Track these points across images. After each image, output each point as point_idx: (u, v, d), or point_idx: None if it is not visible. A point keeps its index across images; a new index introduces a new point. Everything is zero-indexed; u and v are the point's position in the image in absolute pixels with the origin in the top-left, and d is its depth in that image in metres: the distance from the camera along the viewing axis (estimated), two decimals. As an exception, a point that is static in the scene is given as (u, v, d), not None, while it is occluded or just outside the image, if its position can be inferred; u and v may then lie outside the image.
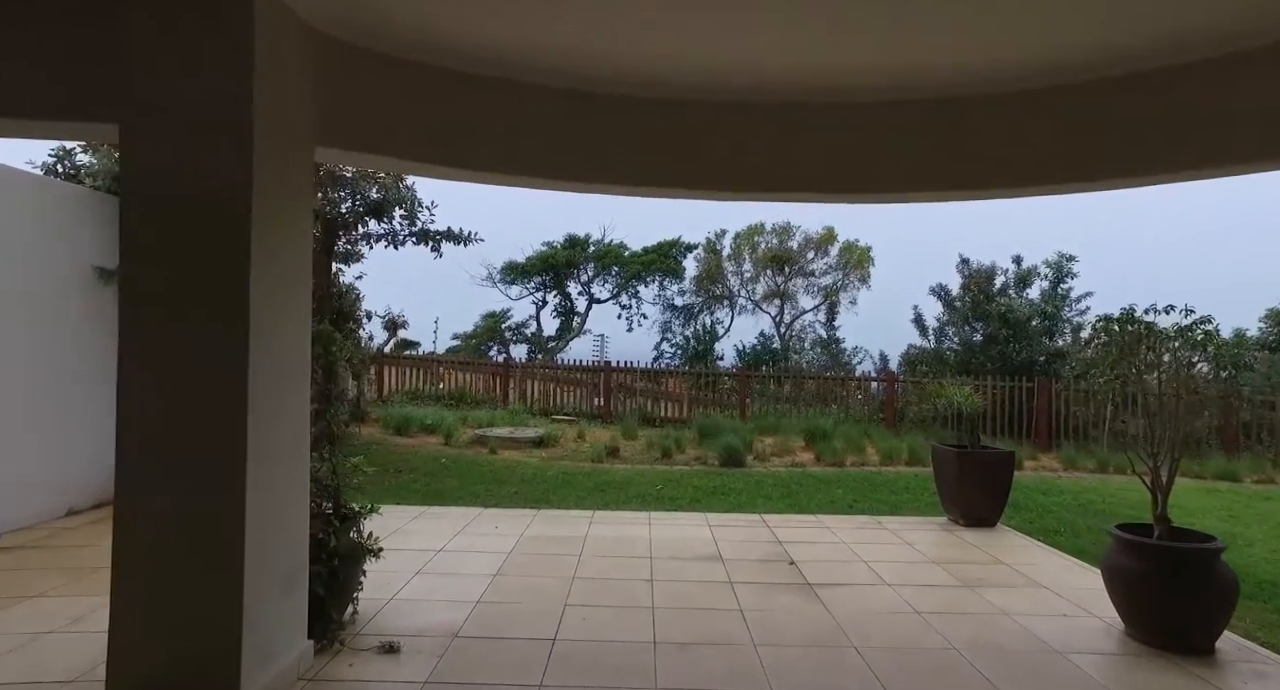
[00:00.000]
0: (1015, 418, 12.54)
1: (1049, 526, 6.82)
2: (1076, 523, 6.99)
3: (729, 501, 7.75)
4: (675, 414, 14.73)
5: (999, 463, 6.48)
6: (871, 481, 9.03)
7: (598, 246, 25.77)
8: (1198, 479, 10.12)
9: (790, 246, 24.71)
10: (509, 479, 8.55)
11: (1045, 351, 12.85)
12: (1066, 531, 6.66)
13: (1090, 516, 7.34)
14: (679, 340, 25.48)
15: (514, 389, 15.65)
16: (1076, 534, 6.58)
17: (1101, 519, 7.20)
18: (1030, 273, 13.50)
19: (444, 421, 12.03)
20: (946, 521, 6.76)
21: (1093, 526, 6.85)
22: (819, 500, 7.90)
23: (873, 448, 11.19)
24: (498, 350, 25.84)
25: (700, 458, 10.49)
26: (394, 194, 7.58)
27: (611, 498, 7.78)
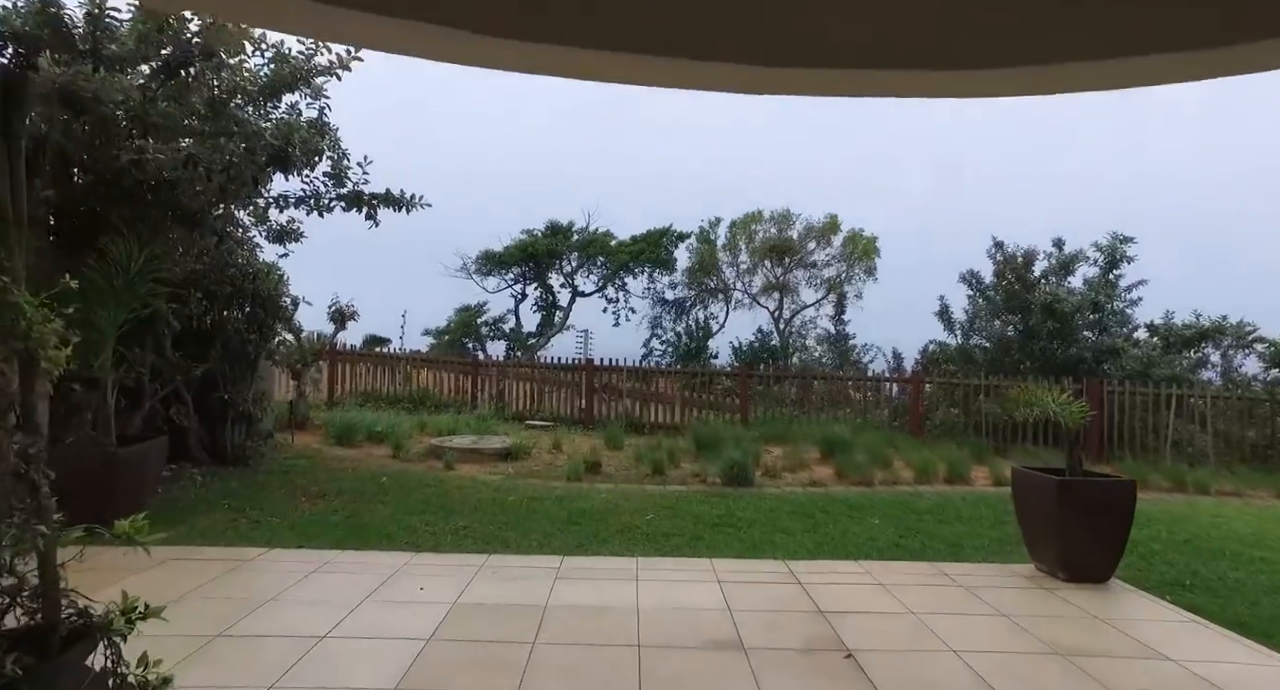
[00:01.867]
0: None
1: (1171, 578, 5.12)
2: (1204, 572, 5.29)
3: (739, 538, 6.01)
4: (667, 419, 12.97)
5: (1117, 496, 4.77)
6: (911, 507, 7.32)
7: (582, 234, 23.96)
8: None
9: (790, 236, 22.99)
10: (460, 506, 6.76)
11: (1095, 348, 11.18)
12: (1200, 587, 4.96)
13: (1209, 560, 5.65)
14: (670, 337, 23.75)
15: (485, 390, 13.83)
16: (1214, 591, 4.88)
17: (1230, 564, 5.51)
18: (1074, 258, 11.83)
19: (396, 429, 10.21)
20: (1034, 571, 5.04)
21: (1227, 578, 5.16)
22: (854, 536, 6.16)
23: (900, 461, 9.49)
24: (474, 347, 24.00)
25: (698, 474, 8.74)
26: (301, 135, 5.77)
27: (588, 534, 6.00)
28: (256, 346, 7.81)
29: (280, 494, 6.88)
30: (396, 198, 7.46)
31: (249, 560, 4.91)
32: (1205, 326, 11.18)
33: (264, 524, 5.86)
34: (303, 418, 10.74)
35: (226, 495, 6.65)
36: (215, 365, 7.34)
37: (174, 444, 7.14)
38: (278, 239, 8.93)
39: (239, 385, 7.61)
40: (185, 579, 4.38)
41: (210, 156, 5.35)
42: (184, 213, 5.76)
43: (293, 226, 8.86)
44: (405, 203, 7.50)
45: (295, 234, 8.89)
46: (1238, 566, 5.52)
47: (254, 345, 7.75)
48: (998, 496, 7.93)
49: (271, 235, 8.92)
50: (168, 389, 6.86)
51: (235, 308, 7.57)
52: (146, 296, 5.61)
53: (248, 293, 7.52)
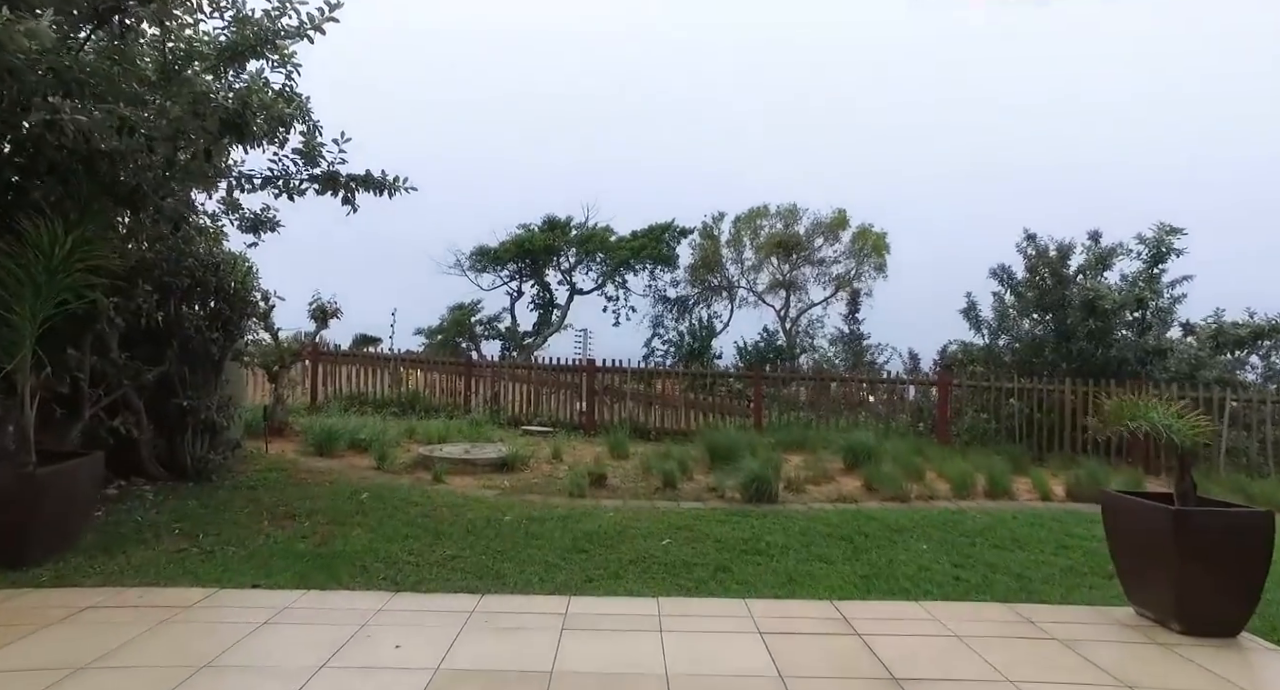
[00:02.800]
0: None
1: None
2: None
3: (772, 570, 5.17)
4: (674, 424, 12.15)
5: (1251, 530, 3.93)
6: (958, 527, 6.49)
7: (580, 230, 23.11)
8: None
9: (797, 231, 22.24)
10: (449, 529, 5.90)
11: (1138, 349, 10.35)
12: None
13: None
14: (672, 336, 22.93)
15: (479, 393, 12.98)
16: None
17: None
18: (1112, 252, 11.01)
19: (381, 436, 9.35)
20: (1137, 618, 4.21)
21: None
22: (903, 565, 5.33)
23: (933, 471, 8.67)
24: (468, 347, 23.14)
25: (714, 488, 7.90)
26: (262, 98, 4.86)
27: (597, 565, 5.16)
28: (221, 347, 6.94)
29: (243, 515, 6.01)
30: (378, 180, 6.58)
31: (189, 607, 4.04)
32: (1261, 325, 10.38)
33: (217, 555, 4.99)
34: (280, 424, 9.86)
35: (180, 517, 5.78)
36: (172, 368, 6.47)
37: (123, 458, 6.29)
38: (251, 228, 8.07)
39: (201, 390, 6.75)
40: (100, 636, 3.52)
41: (151, 122, 4.47)
42: (125, 190, 4.88)
43: (268, 215, 8.01)
44: (387, 186, 6.63)
45: (271, 223, 8.03)
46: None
47: (218, 345, 6.88)
48: (1050, 515, 7.13)
49: (244, 224, 8.07)
50: (114, 395, 5.98)
51: (195, 303, 6.70)
52: (77, 288, 4.74)
53: (210, 286, 6.65)
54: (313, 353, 12.47)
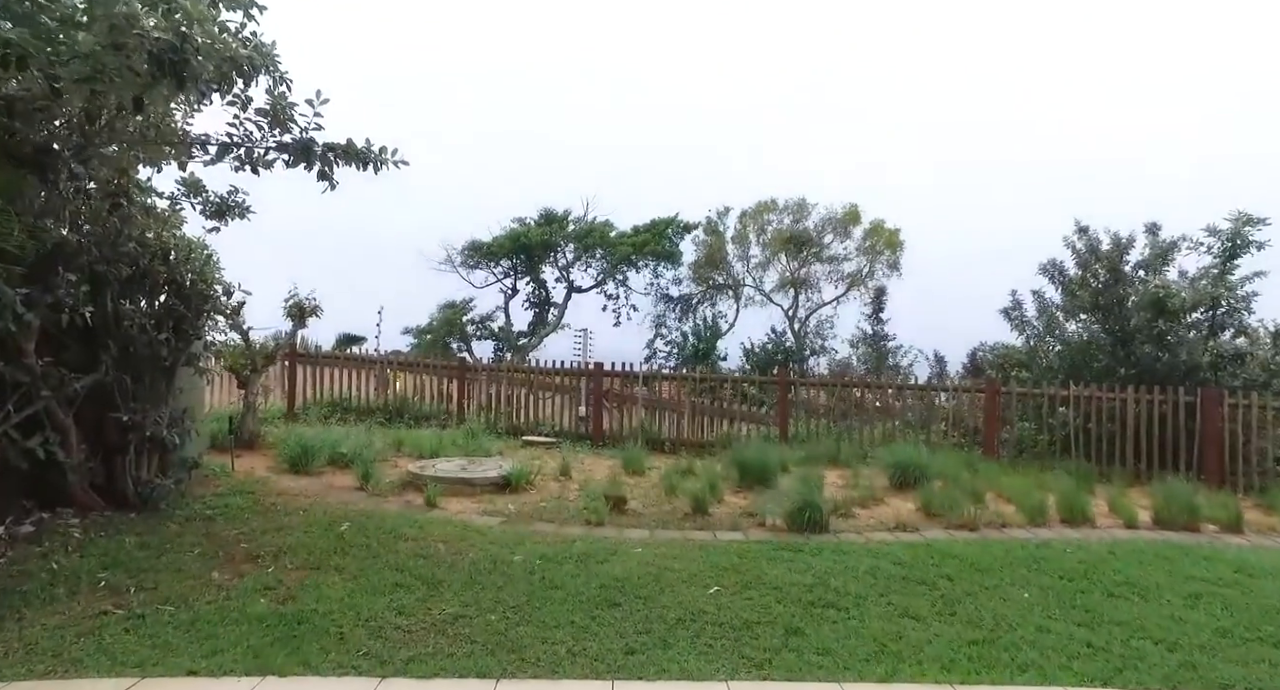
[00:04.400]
0: (1170, 445, 9.07)
1: None
2: None
3: (854, 631, 4.12)
4: (691, 434, 11.09)
5: None
6: (1055, 567, 5.46)
7: (579, 224, 21.95)
8: None
9: (806, 227, 21.22)
10: (448, 574, 4.81)
11: (1213, 352, 9.37)
12: None
13: None
14: (675, 337, 21.87)
15: (473, 398, 11.86)
16: None
17: None
18: (1174, 245, 10.03)
19: (365, 450, 8.23)
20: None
21: None
22: (1013, 625, 4.29)
23: (993, 492, 7.66)
24: (459, 347, 21.99)
25: (751, 513, 6.86)
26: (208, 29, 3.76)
27: (637, 626, 4.09)
28: (174, 349, 5.80)
29: (192, 557, 4.89)
30: (360, 151, 5.46)
31: (91, 713, 2.94)
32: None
33: (148, 621, 3.87)
34: (251, 435, 8.73)
35: (110, 562, 4.66)
36: (108, 375, 5.33)
37: (46, 485, 5.15)
38: (216, 214, 6.94)
39: (147, 401, 5.61)
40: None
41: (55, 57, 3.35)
42: (28, 151, 3.76)
43: (236, 199, 6.89)
44: (372, 158, 5.51)
45: (239, 209, 6.92)
46: None
47: (170, 348, 5.74)
48: (1150, 549, 6.11)
49: (208, 209, 6.94)
50: (30, 409, 4.84)
51: (141, 297, 5.56)
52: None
53: (159, 277, 5.52)
54: (290, 354, 11.31)
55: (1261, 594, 5.00)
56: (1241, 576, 5.38)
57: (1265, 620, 4.52)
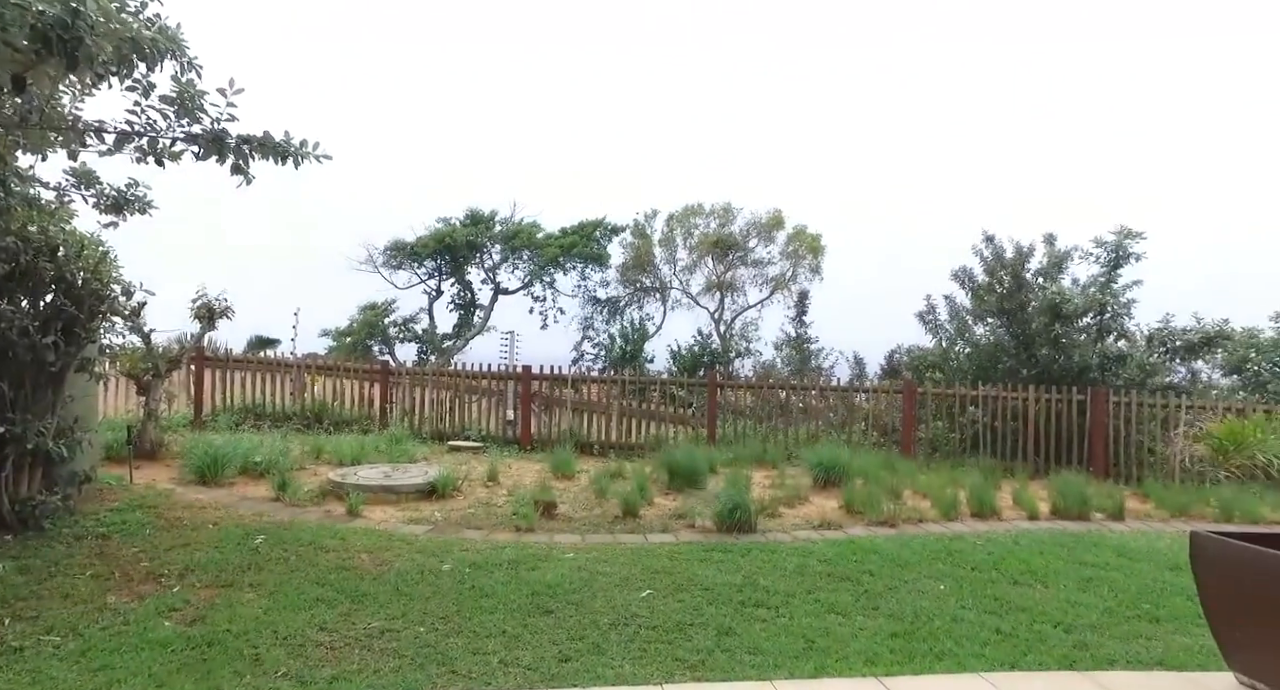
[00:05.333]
0: (1065, 440, 9.75)
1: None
2: None
3: (783, 628, 4.23)
4: (619, 436, 11.11)
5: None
6: (966, 559, 5.76)
7: (506, 225, 21.65)
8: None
9: (732, 231, 21.63)
10: (373, 586, 4.65)
11: (1101, 354, 10.12)
12: None
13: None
14: (603, 339, 21.85)
15: (397, 402, 11.52)
16: None
17: None
18: (1067, 256, 10.80)
19: (282, 458, 7.87)
20: (1239, 687, 3.50)
21: None
22: (930, 616, 4.51)
23: (911, 489, 8.02)
24: (381, 350, 21.29)
25: (681, 514, 6.93)
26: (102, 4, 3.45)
27: (570, 632, 4.06)
28: (63, 354, 5.37)
29: (83, 580, 4.55)
30: (279, 145, 5.21)
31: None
32: (1209, 331, 10.40)
33: (28, 655, 3.57)
34: (153, 444, 8.21)
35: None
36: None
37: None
38: (113, 208, 6.48)
39: (30, 410, 5.18)
40: None
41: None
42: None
43: (136, 193, 6.45)
44: (292, 152, 5.27)
45: (140, 203, 6.48)
46: None
47: (58, 352, 5.31)
48: (1050, 538, 6.55)
49: (103, 203, 6.47)
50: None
51: (23, 296, 5.12)
52: None
53: (44, 275, 5.10)
54: (197, 358, 10.69)
55: (1140, 575, 5.46)
56: (1124, 560, 5.85)
57: (1143, 598, 4.94)
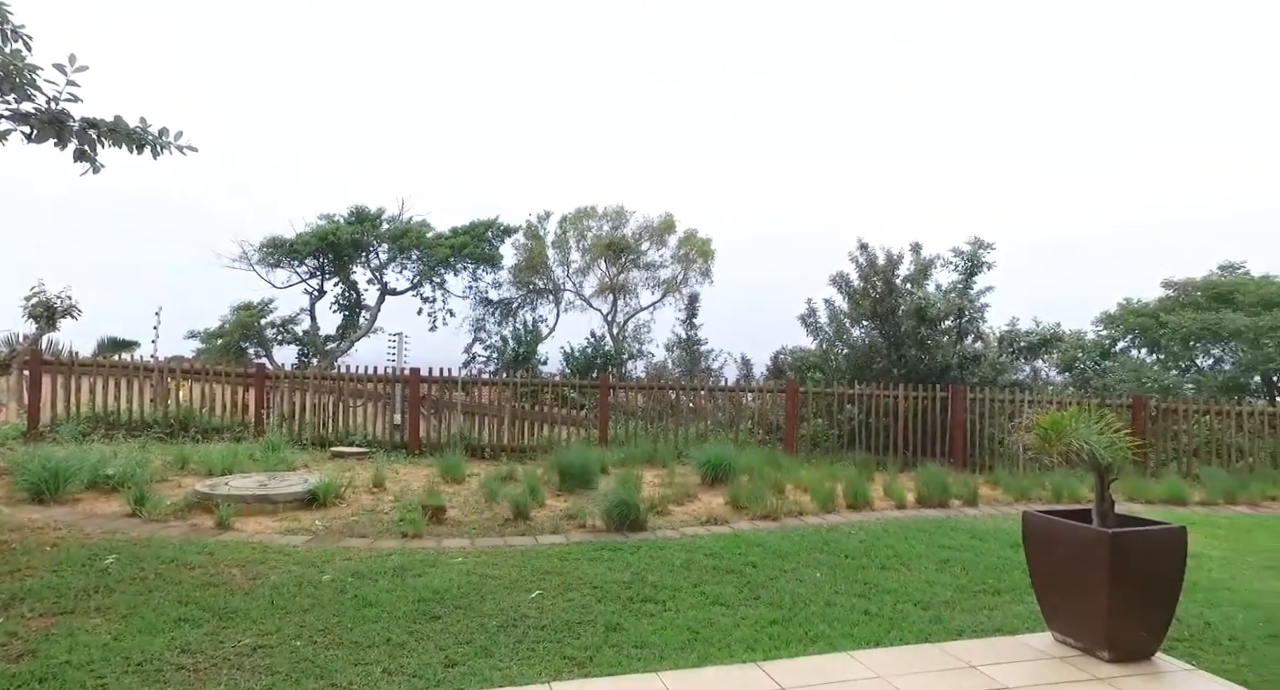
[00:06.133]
0: (930, 434, 10.58)
1: (1189, 636, 4.31)
2: (1212, 619, 4.57)
3: (670, 622, 4.36)
4: (511, 439, 11.01)
5: (1170, 547, 3.81)
6: (841, 548, 6.15)
7: (394, 224, 20.83)
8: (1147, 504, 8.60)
9: (625, 234, 21.86)
10: (245, 602, 4.40)
11: (960, 354, 11.06)
12: (1230, 647, 4.17)
13: (1208, 605, 4.99)
14: (495, 341, 21.48)
15: (275, 408, 10.89)
16: (1228, 647, 4.11)
17: (1210, 596, 4.89)
18: (930, 263, 11.74)
19: (139, 470, 7.26)
20: (1063, 648, 3.95)
21: (1218, 623, 4.47)
22: (807, 602, 4.79)
23: (793, 484, 8.44)
24: (257, 353, 19.97)
25: (573, 515, 6.99)
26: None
27: (457, 637, 4.02)
28: None
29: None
30: (132, 131, 4.80)
31: None
32: (1046, 333, 11.62)
33: None
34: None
35: None
36: None
37: None
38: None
39: None
40: None
41: None
42: None
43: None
44: (149, 140, 4.88)
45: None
46: (1218, 604, 4.92)
47: None
48: (915, 525, 7.10)
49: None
50: None
51: None
52: None
53: None
54: (32, 361, 9.64)
55: (987, 554, 6.03)
56: (975, 541, 6.43)
57: (989, 575, 5.46)
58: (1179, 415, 10.83)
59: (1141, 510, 7.64)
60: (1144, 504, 8.56)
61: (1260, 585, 5.51)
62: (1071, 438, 3.81)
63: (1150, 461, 10.41)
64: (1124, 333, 16.99)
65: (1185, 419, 10.84)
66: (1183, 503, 8.75)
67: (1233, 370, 14.79)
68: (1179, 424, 10.78)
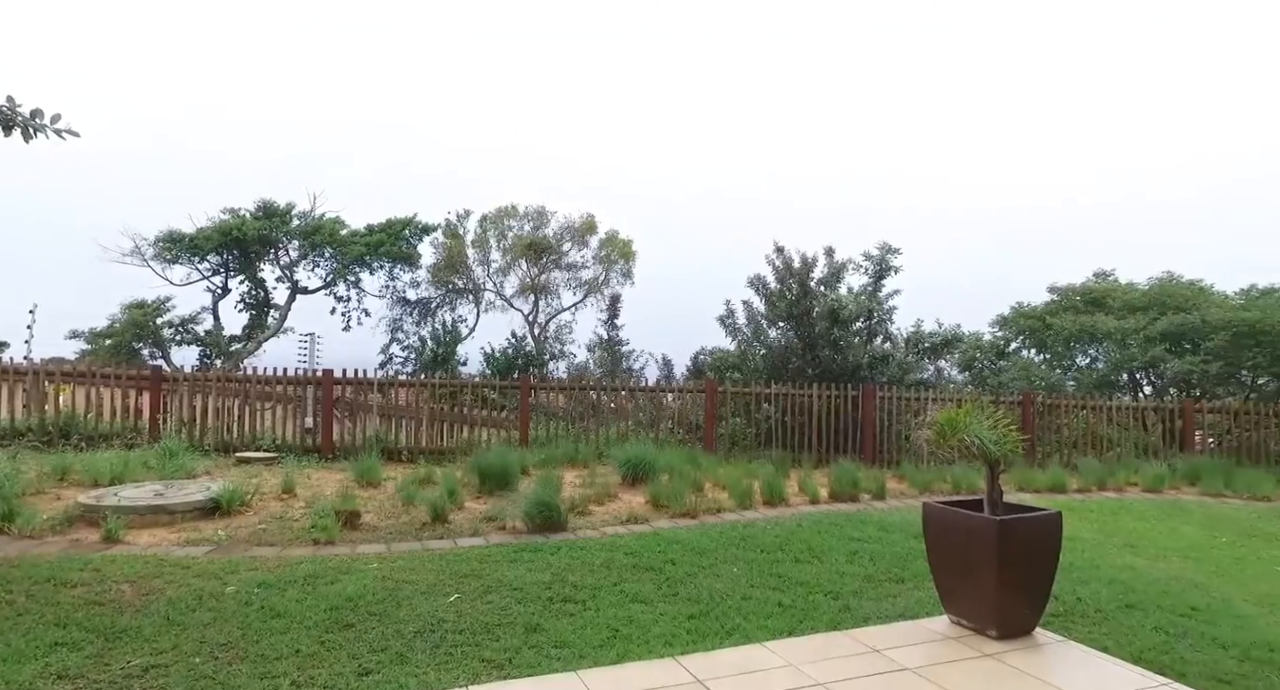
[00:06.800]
0: (843, 432, 11.02)
1: (1062, 611, 4.69)
2: (1082, 595, 4.99)
3: (590, 621, 4.40)
4: (430, 441, 10.77)
5: (1049, 531, 4.15)
6: (757, 543, 6.34)
7: (305, 220, 19.92)
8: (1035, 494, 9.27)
9: (546, 234, 21.72)
10: (136, 619, 4.15)
11: (871, 354, 11.59)
12: (1095, 618, 4.57)
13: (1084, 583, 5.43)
14: (413, 342, 20.93)
15: (173, 412, 10.26)
16: (1117, 623, 4.51)
17: (1080, 578, 5.34)
18: (843, 267, 12.24)
19: (8, 482, 6.70)
20: (957, 629, 4.23)
21: (1091, 599, 4.89)
22: (724, 597, 4.92)
23: (712, 482, 8.62)
24: (153, 354, 18.71)
25: (491, 516, 6.92)
26: None
27: (372, 645, 3.92)
28: None
29: None
30: (3, 110, 4.46)
31: None
32: (948, 334, 12.34)
33: None
34: None
35: None
36: None
37: None
38: None
39: None
40: None
41: None
42: None
43: None
44: (19, 123, 4.51)
45: None
46: (1088, 581, 5.38)
47: None
48: (828, 519, 7.38)
49: None
50: None
51: None
52: None
53: None
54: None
55: (893, 545, 6.36)
56: (883, 533, 6.77)
57: (894, 564, 5.77)
58: (1061, 410, 11.75)
59: (1029, 498, 8.22)
60: (1032, 493, 9.21)
61: (1121, 562, 6.09)
62: (964, 433, 4.08)
63: (1037, 453, 11.22)
64: (1016, 334, 18.25)
65: (1066, 414, 11.77)
66: (1063, 490, 9.47)
67: (1105, 369, 16.13)
68: (1061, 418, 11.70)
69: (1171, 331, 14.75)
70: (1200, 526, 7.89)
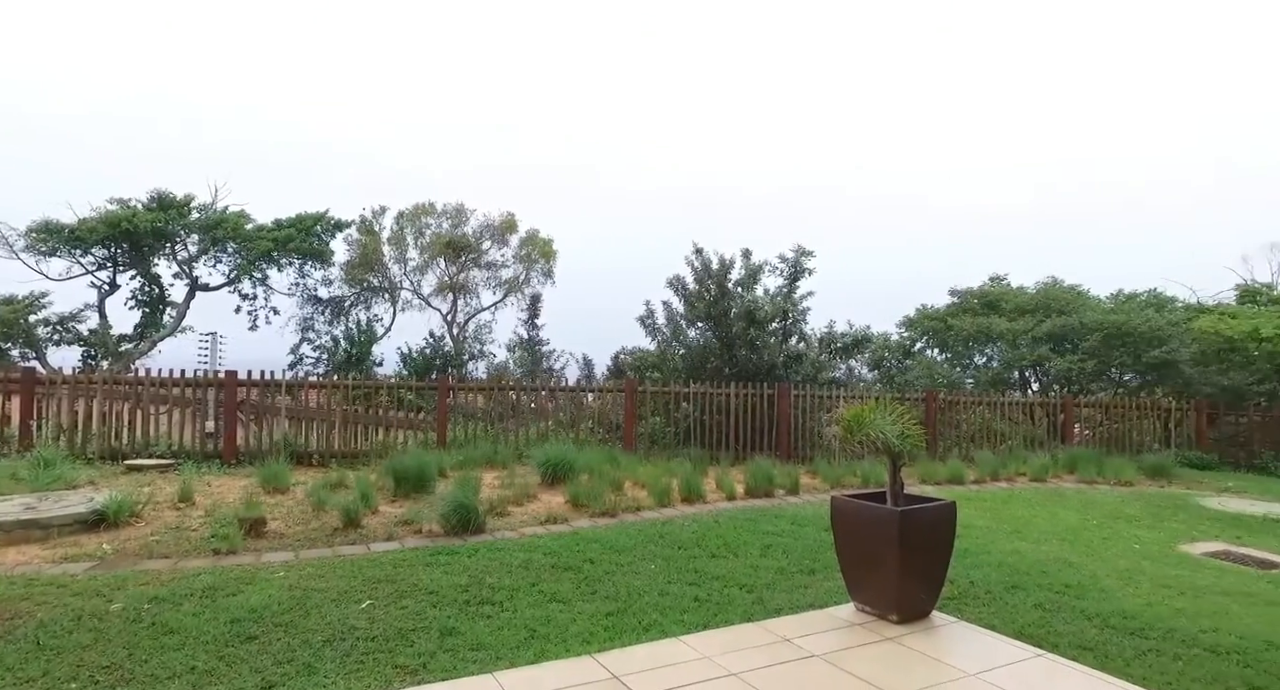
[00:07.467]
0: (760, 430, 11.32)
1: (955, 594, 5.00)
2: (974, 578, 5.33)
3: (508, 623, 4.37)
4: (342, 444, 10.39)
5: (944, 520, 4.40)
6: (675, 540, 6.45)
7: (205, 213, 18.74)
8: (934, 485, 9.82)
9: (465, 232, 21.29)
10: (4, 646, 3.83)
11: (786, 354, 11.95)
12: (985, 599, 4.89)
13: (973, 567, 5.79)
14: (325, 342, 20.06)
15: (50, 418, 9.49)
16: (1000, 603, 4.85)
17: (975, 559, 5.70)
18: (759, 268, 12.58)
19: None
20: (862, 615, 4.44)
21: (982, 582, 5.25)
22: (642, 594, 4.99)
23: (631, 481, 8.70)
24: (26, 355, 17.19)
25: (407, 520, 6.75)
26: None
27: (277, 656, 3.77)
28: None
29: None
30: None
31: None
32: (858, 335, 12.89)
33: None
34: None
35: None
36: None
37: None
38: None
39: None
40: None
41: None
42: None
43: None
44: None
45: None
46: (980, 565, 5.75)
47: None
48: (743, 515, 7.59)
49: None
50: None
51: None
52: None
53: None
54: None
55: (805, 538, 6.61)
56: (795, 527, 7.02)
57: (806, 557, 5.99)
58: (960, 406, 12.51)
59: (930, 490, 8.71)
60: (933, 485, 9.75)
61: (1008, 547, 6.55)
62: (870, 429, 4.30)
63: (939, 447, 11.88)
64: (920, 334, 19.28)
65: (965, 410, 12.53)
66: (961, 482, 10.07)
67: (999, 367, 17.28)
68: (960, 414, 12.46)
69: (1055, 333, 15.97)
70: (1076, 511, 8.57)
